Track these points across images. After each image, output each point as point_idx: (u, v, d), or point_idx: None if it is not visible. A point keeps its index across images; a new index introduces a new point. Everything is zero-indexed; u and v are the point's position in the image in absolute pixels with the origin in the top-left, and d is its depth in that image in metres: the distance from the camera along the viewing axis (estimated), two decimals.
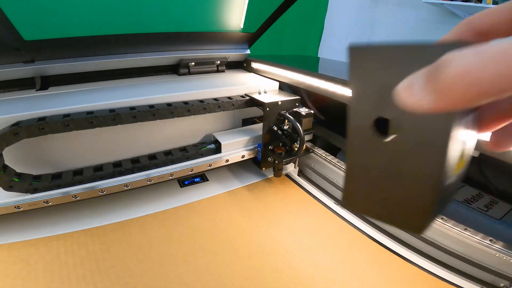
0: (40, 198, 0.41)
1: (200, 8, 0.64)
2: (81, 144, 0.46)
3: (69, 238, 0.42)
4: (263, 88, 0.56)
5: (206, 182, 0.56)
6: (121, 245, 0.41)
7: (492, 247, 0.35)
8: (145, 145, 0.51)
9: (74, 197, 0.43)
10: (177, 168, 0.49)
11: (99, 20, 0.55)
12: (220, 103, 0.51)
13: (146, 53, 0.60)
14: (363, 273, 0.38)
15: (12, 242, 0.40)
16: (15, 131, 0.38)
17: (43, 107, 0.42)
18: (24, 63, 0.50)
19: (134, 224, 0.45)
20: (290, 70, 0.60)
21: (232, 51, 0.69)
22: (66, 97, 0.48)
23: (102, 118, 0.42)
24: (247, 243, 0.42)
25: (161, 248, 0.41)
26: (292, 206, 0.50)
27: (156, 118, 0.46)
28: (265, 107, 0.50)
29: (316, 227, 0.46)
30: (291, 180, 0.59)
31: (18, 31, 0.46)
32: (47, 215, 0.45)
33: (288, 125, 0.51)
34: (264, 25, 0.65)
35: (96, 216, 0.46)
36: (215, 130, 0.58)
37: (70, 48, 0.53)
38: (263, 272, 0.37)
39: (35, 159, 0.44)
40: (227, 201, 0.51)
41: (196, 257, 0.39)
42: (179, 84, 0.58)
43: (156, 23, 0.61)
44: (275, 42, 1.60)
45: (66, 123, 0.40)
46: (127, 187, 0.46)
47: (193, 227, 0.45)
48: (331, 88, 0.51)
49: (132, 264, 0.38)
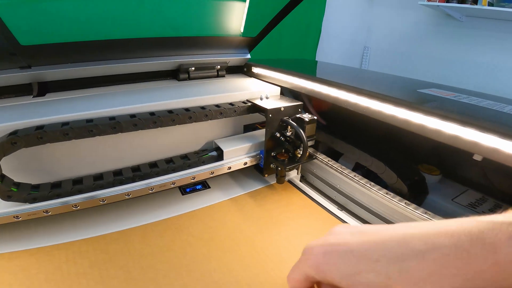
0: (39, 207, 0.40)
1: (200, 12, 0.64)
2: (80, 153, 0.45)
3: (70, 247, 0.41)
4: (265, 94, 0.55)
5: (208, 189, 0.56)
6: (124, 254, 0.40)
7: None
8: (146, 152, 0.50)
9: (74, 206, 0.42)
10: (179, 176, 0.49)
11: (97, 25, 0.54)
12: (222, 110, 0.50)
13: (145, 58, 0.60)
14: None
15: (13, 251, 0.39)
16: (12, 140, 0.37)
17: (41, 114, 0.41)
18: (21, 69, 0.49)
19: (136, 233, 0.44)
20: (292, 75, 0.60)
21: (232, 55, 0.69)
22: (64, 104, 0.47)
23: (102, 126, 0.41)
24: (252, 250, 0.42)
25: (164, 257, 0.40)
26: (295, 212, 0.50)
27: (157, 126, 0.45)
28: (267, 113, 0.50)
29: (320, 233, 0.46)
30: (293, 186, 0.58)
31: (14, 36, 0.45)
32: (47, 224, 0.44)
33: (291, 131, 0.51)
34: (265, 29, 0.65)
35: (97, 225, 0.45)
36: (216, 136, 0.57)
37: (68, 53, 0.52)
38: (269, 280, 0.37)
39: (33, 168, 0.43)
40: (229, 208, 0.51)
41: (200, 265, 0.39)
42: (179, 90, 0.58)
43: (155, 27, 0.61)
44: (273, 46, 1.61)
45: (65, 132, 0.39)
46: (128, 196, 0.45)
47: (196, 235, 0.44)
48: (334, 94, 0.51)
49: (136, 274, 0.37)
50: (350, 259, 0.20)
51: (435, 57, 1.86)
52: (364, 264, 0.19)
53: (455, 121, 0.36)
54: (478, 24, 1.65)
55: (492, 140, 0.33)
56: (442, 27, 1.79)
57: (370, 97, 0.45)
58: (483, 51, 1.66)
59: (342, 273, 0.20)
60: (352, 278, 0.19)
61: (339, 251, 0.20)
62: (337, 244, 0.21)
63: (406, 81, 0.65)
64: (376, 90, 0.47)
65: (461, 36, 1.73)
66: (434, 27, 1.83)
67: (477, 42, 1.67)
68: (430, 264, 0.17)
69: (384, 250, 0.19)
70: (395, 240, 0.19)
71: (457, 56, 1.76)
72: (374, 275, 0.18)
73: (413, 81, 0.64)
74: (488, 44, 1.63)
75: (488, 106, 0.43)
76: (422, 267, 0.17)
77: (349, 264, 0.20)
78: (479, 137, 0.34)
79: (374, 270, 0.18)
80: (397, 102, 0.42)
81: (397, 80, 0.66)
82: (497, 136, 0.32)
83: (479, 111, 0.42)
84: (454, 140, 0.36)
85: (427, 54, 1.89)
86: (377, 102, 0.44)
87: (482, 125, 0.34)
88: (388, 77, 0.69)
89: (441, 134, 0.37)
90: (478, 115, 0.40)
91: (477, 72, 1.70)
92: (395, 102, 0.43)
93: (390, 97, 0.44)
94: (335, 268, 0.20)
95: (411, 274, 0.17)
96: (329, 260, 0.21)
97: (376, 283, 0.18)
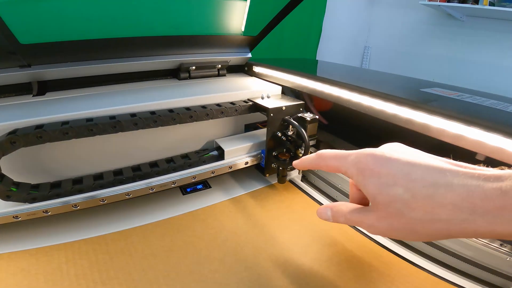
0: (39, 207, 0.40)
1: (201, 11, 0.63)
2: (80, 152, 0.45)
3: (70, 248, 0.40)
4: (266, 93, 0.55)
5: (209, 189, 0.55)
6: (124, 254, 0.40)
7: (502, 250, 0.35)
8: (146, 152, 0.50)
9: (74, 206, 0.42)
10: (179, 176, 0.48)
11: (97, 24, 0.54)
12: (223, 109, 0.50)
13: (146, 57, 0.59)
14: (370, 279, 0.37)
15: (12, 251, 0.39)
16: (12, 139, 0.37)
17: (41, 114, 0.41)
18: (20, 68, 0.49)
19: (137, 233, 0.44)
20: (293, 74, 0.60)
21: (233, 54, 0.68)
22: (64, 103, 0.47)
23: (102, 125, 0.41)
24: (253, 250, 0.41)
25: (165, 257, 0.40)
26: (297, 212, 0.50)
27: (158, 125, 0.45)
28: (269, 112, 0.49)
29: (321, 233, 0.45)
30: (295, 186, 0.58)
31: (14, 34, 0.44)
32: (47, 224, 0.44)
33: (292, 130, 0.51)
34: (266, 28, 0.65)
35: (98, 225, 0.45)
36: (217, 136, 0.57)
37: (68, 52, 0.52)
38: (271, 281, 0.36)
39: (33, 168, 0.43)
40: (230, 208, 0.50)
41: (201, 266, 0.38)
42: (180, 89, 0.57)
43: (156, 26, 0.60)
44: (274, 45, 1.60)
45: (65, 131, 0.39)
46: (129, 196, 0.45)
47: (197, 236, 0.44)
48: (336, 93, 0.50)
49: (137, 275, 0.37)
50: (394, 171, 0.22)
51: (436, 57, 1.85)
52: (402, 179, 0.21)
53: (459, 120, 0.36)
54: (479, 24, 1.65)
55: (496, 139, 0.32)
56: (443, 26, 1.79)
57: (373, 96, 0.45)
58: (484, 51, 1.66)
59: (380, 181, 0.22)
60: (385, 189, 0.22)
61: (391, 163, 0.22)
62: (388, 158, 0.23)
63: (408, 81, 0.64)
64: (379, 89, 0.46)
65: (462, 36, 1.72)
66: (435, 26, 1.83)
67: (478, 42, 1.67)
68: (454, 195, 0.19)
69: (423, 174, 0.21)
70: (435, 170, 0.21)
71: (458, 56, 1.76)
72: (403, 191, 0.21)
73: (416, 81, 0.63)
74: (489, 44, 1.63)
75: (492, 106, 0.43)
76: (447, 195, 0.19)
77: (390, 175, 0.22)
78: (483, 136, 0.33)
79: (406, 187, 0.21)
80: (400, 101, 0.42)
81: (399, 79, 0.65)
82: (502, 135, 0.32)
83: (483, 110, 0.41)
84: (458, 140, 0.36)
85: (428, 54, 1.88)
86: (380, 101, 0.44)
87: (486, 124, 0.34)
88: (390, 76, 0.68)
89: (444, 134, 0.37)
90: (482, 114, 0.40)
91: (478, 72, 1.70)
92: (398, 101, 0.42)
93: (393, 96, 0.43)
94: (376, 174, 0.23)
95: (434, 199, 0.20)
96: (374, 166, 0.23)
97: (402, 198, 0.21)
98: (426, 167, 0.21)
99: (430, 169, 0.21)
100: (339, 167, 0.26)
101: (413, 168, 0.21)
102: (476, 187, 0.19)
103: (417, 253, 0.42)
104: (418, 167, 0.21)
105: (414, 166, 0.22)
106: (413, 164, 0.22)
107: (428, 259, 0.41)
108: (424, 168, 0.21)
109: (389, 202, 0.22)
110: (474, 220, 0.19)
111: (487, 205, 0.18)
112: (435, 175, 0.20)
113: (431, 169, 0.21)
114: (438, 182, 0.20)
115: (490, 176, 0.19)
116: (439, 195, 0.20)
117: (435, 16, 1.81)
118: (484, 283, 0.37)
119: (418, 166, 0.21)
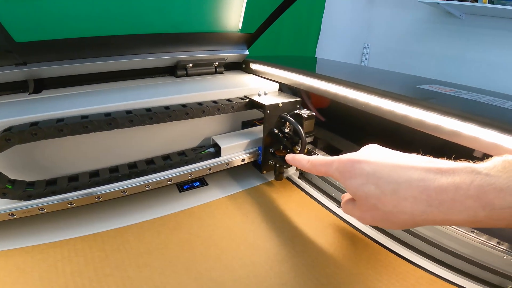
0: (34, 205, 0.40)
1: (197, 8, 0.63)
2: (76, 149, 0.45)
3: (65, 245, 0.40)
4: (263, 90, 0.55)
5: (206, 186, 0.55)
6: (120, 252, 0.40)
7: (499, 249, 0.35)
8: (142, 149, 0.50)
9: (70, 203, 0.42)
10: (176, 173, 0.48)
11: (93, 21, 0.54)
12: (219, 106, 0.50)
13: (142, 55, 0.59)
14: (367, 276, 0.37)
15: (7, 249, 0.39)
16: (6, 137, 0.36)
17: (36, 111, 0.41)
18: (16, 66, 0.48)
19: (133, 231, 0.44)
20: (290, 71, 0.59)
21: (230, 52, 0.68)
22: (60, 100, 0.47)
23: (98, 122, 0.41)
24: (250, 248, 0.41)
25: (161, 255, 0.39)
26: (294, 210, 0.50)
27: (153, 122, 0.45)
28: (265, 109, 0.49)
29: (318, 231, 0.45)
30: (292, 183, 0.58)
31: (9, 33, 0.44)
32: (42, 221, 0.44)
33: (289, 127, 0.50)
34: (263, 26, 0.64)
35: (93, 223, 0.45)
36: (214, 133, 0.57)
37: (64, 50, 0.52)
38: (268, 278, 0.36)
39: (28, 165, 0.43)
40: (227, 205, 0.50)
41: (198, 264, 0.38)
42: (176, 86, 0.57)
43: (153, 24, 0.60)
44: (272, 42, 1.60)
45: (60, 128, 0.39)
46: (125, 193, 0.45)
47: (193, 233, 0.44)
48: (333, 89, 0.50)
49: (132, 272, 0.37)
50: (366, 171, 0.26)
51: (435, 55, 1.85)
52: (372, 178, 0.25)
53: (455, 116, 0.35)
54: (478, 22, 1.64)
55: (492, 135, 0.32)
56: (442, 24, 1.78)
57: (369, 92, 0.45)
58: (483, 49, 1.65)
59: (356, 181, 0.26)
60: (360, 187, 0.26)
61: (363, 166, 0.26)
62: (362, 161, 0.27)
63: (405, 77, 0.64)
64: (375, 85, 0.46)
65: (461, 34, 1.72)
66: (434, 24, 1.82)
67: (477, 40, 1.66)
68: (413, 189, 0.22)
69: (389, 172, 0.24)
70: (399, 167, 0.24)
71: (457, 54, 1.75)
72: (374, 188, 0.25)
73: (413, 77, 0.63)
74: (488, 42, 1.62)
75: (488, 102, 0.43)
76: (407, 190, 0.23)
77: (363, 175, 0.26)
78: (479, 132, 0.33)
79: (376, 184, 0.24)
80: (396, 98, 0.42)
81: (396, 76, 0.65)
82: (498, 131, 0.32)
83: (479, 106, 0.41)
84: (454, 136, 0.35)
85: (427, 52, 1.88)
86: (376, 97, 0.44)
87: (482, 120, 0.33)
88: (387, 73, 0.68)
89: (441, 130, 0.37)
90: (479, 111, 0.40)
91: (477, 70, 1.69)
92: (394, 97, 0.42)
93: (389, 92, 0.43)
94: (353, 176, 0.26)
95: (398, 194, 0.23)
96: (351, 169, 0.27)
97: (375, 194, 0.24)
98: (392, 165, 0.25)
99: (396, 167, 0.24)
100: (327, 172, 0.30)
101: (382, 167, 0.25)
102: (432, 181, 0.22)
103: (414, 251, 0.42)
104: (386, 166, 0.25)
105: (382, 166, 0.25)
106: (381, 164, 0.25)
107: (424, 257, 0.41)
108: (391, 166, 0.25)
109: (365, 198, 0.25)
110: (432, 211, 0.22)
111: (441, 197, 0.21)
112: (399, 172, 0.24)
113: (396, 167, 0.24)
114: (401, 178, 0.23)
115: (446, 170, 0.22)
116: (402, 190, 0.23)
117: (435, 14, 1.81)
118: (481, 282, 0.37)
119: (385, 166, 0.25)
